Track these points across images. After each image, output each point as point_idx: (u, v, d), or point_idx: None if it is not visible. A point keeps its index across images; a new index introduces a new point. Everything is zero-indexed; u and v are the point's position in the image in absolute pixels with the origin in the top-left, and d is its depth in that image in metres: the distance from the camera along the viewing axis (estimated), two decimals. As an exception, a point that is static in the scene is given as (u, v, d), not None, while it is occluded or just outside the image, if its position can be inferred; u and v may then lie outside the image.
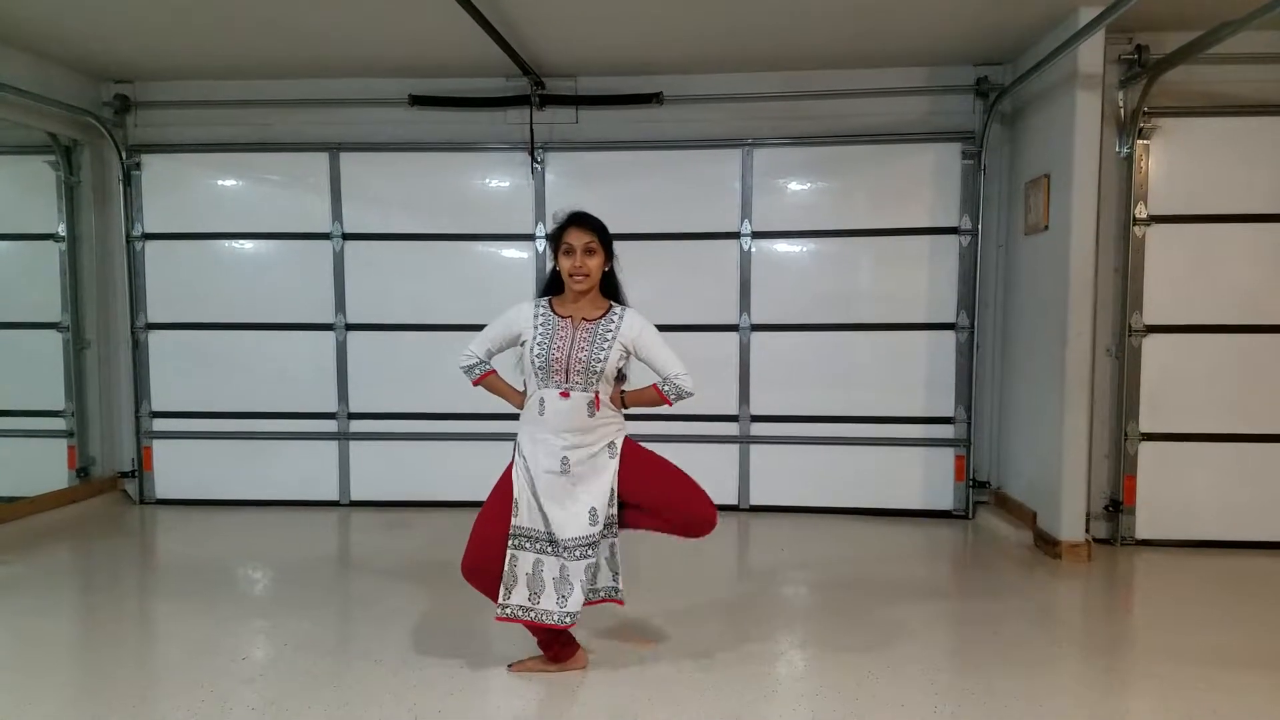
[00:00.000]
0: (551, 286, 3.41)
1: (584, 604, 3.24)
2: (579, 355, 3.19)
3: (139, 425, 6.41)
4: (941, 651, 3.79)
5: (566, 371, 3.20)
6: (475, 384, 3.49)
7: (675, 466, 3.36)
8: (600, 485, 3.24)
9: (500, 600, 3.21)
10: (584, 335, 3.23)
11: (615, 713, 3.12)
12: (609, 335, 3.24)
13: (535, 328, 3.28)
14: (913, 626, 3.97)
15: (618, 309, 3.33)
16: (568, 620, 3.22)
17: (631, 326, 3.28)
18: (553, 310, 3.31)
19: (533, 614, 3.22)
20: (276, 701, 3.18)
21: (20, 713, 3.10)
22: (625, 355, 3.28)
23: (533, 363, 3.24)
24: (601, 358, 3.20)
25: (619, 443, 3.30)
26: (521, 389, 3.42)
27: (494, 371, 3.48)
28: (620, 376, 3.37)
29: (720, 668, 3.48)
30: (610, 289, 3.39)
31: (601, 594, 3.37)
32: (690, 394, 3.30)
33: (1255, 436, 5.24)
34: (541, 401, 3.24)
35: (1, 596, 4.39)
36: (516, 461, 3.31)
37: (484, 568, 3.24)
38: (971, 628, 4.05)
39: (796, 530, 5.73)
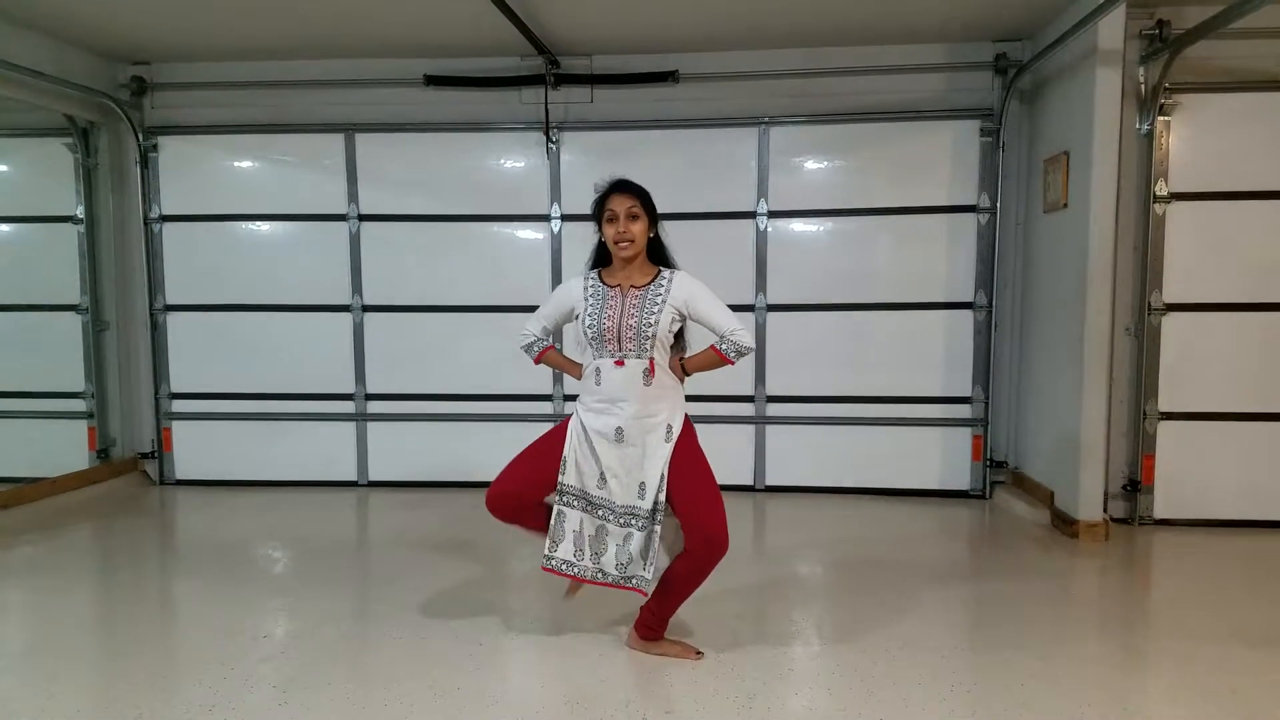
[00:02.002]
0: (600, 259, 3.41)
1: (610, 584, 3.26)
2: (629, 322, 3.18)
3: (158, 406, 6.46)
4: (958, 631, 3.78)
5: (619, 339, 3.19)
6: (536, 361, 3.54)
7: (713, 477, 3.27)
8: (653, 465, 3.20)
9: (546, 551, 3.27)
10: (634, 301, 3.22)
11: (633, 690, 3.13)
12: (659, 299, 3.22)
13: (586, 299, 3.28)
14: (929, 606, 3.97)
15: (666, 272, 3.30)
16: (599, 577, 3.25)
17: (682, 288, 3.25)
18: (601, 281, 3.31)
19: (575, 569, 3.27)
20: (297, 678, 3.21)
21: (44, 692, 3.14)
22: (679, 318, 3.26)
23: (586, 333, 3.25)
24: (653, 321, 3.18)
25: (677, 427, 3.25)
26: (579, 362, 3.44)
27: (553, 347, 3.53)
28: (678, 345, 3.35)
29: (737, 647, 3.49)
30: (658, 254, 3.37)
31: (634, 581, 3.25)
32: (750, 348, 3.26)
33: (1275, 415, 5.20)
34: (597, 371, 3.25)
35: (24, 577, 4.44)
36: (573, 423, 3.31)
37: (510, 498, 3.27)
38: (988, 607, 4.05)
39: (813, 510, 5.74)
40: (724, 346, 3.25)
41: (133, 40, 5.82)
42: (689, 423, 3.32)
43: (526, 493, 3.29)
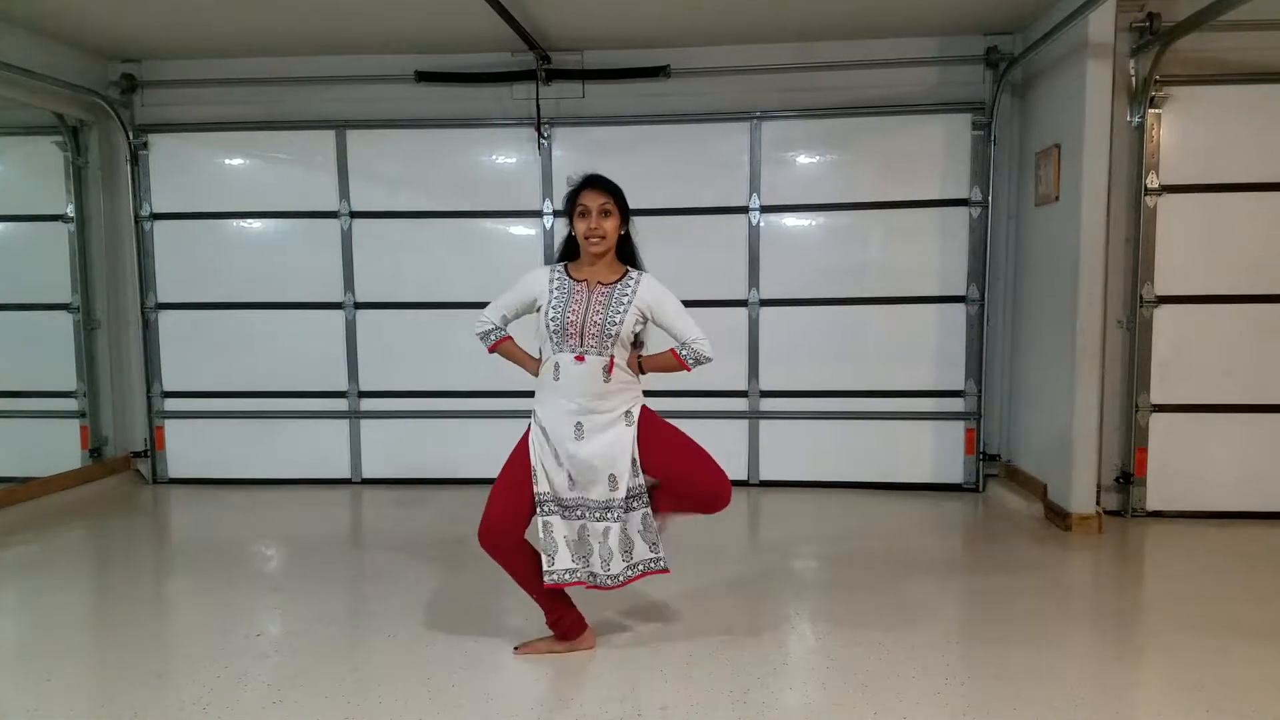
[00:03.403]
0: (568, 252, 3.39)
1: (627, 580, 3.25)
2: (594, 318, 3.17)
3: (150, 405, 6.44)
4: (952, 624, 3.79)
5: (581, 335, 3.17)
6: (491, 350, 3.45)
7: (690, 438, 3.32)
8: (619, 454, 3.20)
9: (546, 567, 3.20)
10: (599, 298, 3.21)
11: (627, 689, 3.13)
12: (625, 299, 3.21)
13: (550, 292, 3.26)
14: (923, 600, 3.98)
15: (634, 273, 3.30)
16: (590, 580, 3.23)
17: (649, 290, 3.25)
18: (568, 274, 3.29)
19: (576, 575, 3.23)
20: (291, 677, 3.21)
21: (39, 691, 3.13)
22: (642, 320, 3.26)
23: (548, 326, 3.22)
24: (617, 320, 3.17)
25: (636, 411, 3.27)
26: (538, 356, 3.40)
27: (510, 338, 3.46)
28: (637, 343, 3.34)
29: (731, 643, 3.49)
30: (626, 254, 3.36)
31: (641, 568, 3.28)
32: (709, 359, 3.27)
33: (1267, 407, 5.22)
34: (556, 366, 3.23)
35: (18, 576, 4.44)
36: (533, 430, 3.29)
37: (501, 535, 3.22)
38: (982, 601, 4.05)
39: (807, 505, 5.74)
40: (684, 353, 3.27)
41: (122, 37, 5.79)
42: (646, 408, 3.33)
43: (514, 517, 3.23)
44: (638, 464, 3.23)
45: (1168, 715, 2.92)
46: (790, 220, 6.04)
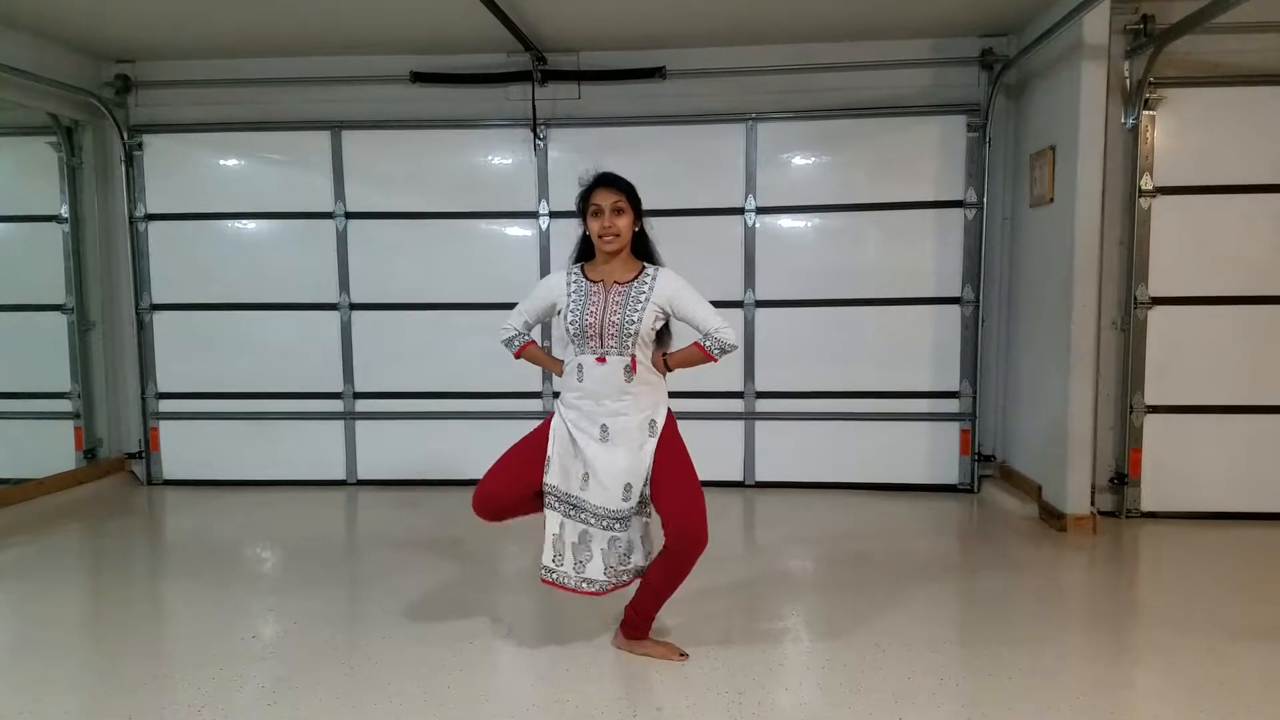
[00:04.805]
0: (583, 253, 3.38)
1: (615, 586, 3.26)
2: (612, 319, 3.15)
3: (145, 406, 6.43)
4: (947, 625, 3.80)
5: (601, 336, 3.16)
6: (516, 356, 3.50)
7: (695, 477, 3.25)
8: (638, 463, 3.18)
9: (542, 561, 3.23)
10: (617, 298, 3.19)
11: (622, 690, 3.13)
12: (642, 296, 3.19)
13: (568, 295, 3.25)
14: (918, 601, 3.98)
15: (650, 269, 3.28)
16: (584, 586, 3.21)
17: (666, 285, 3.23)
18: (584, 275, 3.28)
19: (554, 575, 3.22)
20: (286, 679, 3.20)
21: (32, 694, 3.12)
22: (662, 316, 3.23)
23: (568, 330, 3.22)
24: (635, 319, 3.15)
25: (660, 421, 3.24)
26: (562, 358, 3.40)
27: (533, 342, 3.50)
28: (661, 341, 3.32)
29: (726, 644, 3.50)
30: (642, 250, 3.34)
31: (632, 574, 3.30)
32: (734, 346, 3.24)
33: (1261, 408, 5.23)
34: (579, 368, 3.22)
35: (11, 578, 4.42)
36: (555, 422, 3.28)
37: (493, 498, 3.25)
38: (977, 601, 4.06)
39: (802, 506, 5.75)
40: (708, 344, 3.24)
41: (117, 38, 5.78)
42: (671, 417, 3.31)
43: (511, 495, 3.26)
44: (649, 476, 3.20)
45: (1163, 716, 2.93)
46: (786, 221, 6.05)
